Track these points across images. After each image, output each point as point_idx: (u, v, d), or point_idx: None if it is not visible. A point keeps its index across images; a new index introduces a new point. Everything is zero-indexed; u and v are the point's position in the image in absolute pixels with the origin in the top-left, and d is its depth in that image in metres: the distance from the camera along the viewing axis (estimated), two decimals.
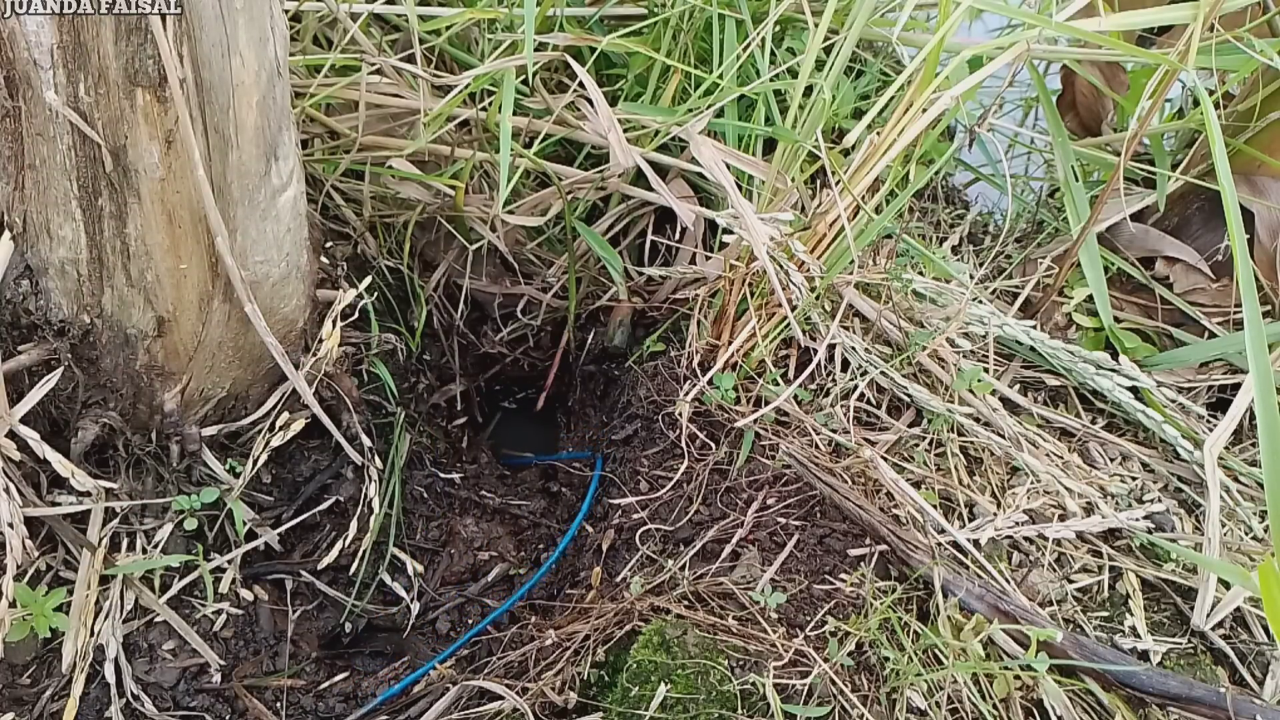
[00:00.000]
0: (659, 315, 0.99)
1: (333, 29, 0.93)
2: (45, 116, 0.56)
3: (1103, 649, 0.66)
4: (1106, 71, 1.05)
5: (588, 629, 0.69)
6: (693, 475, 0.79)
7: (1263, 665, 0.73)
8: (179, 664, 0.75)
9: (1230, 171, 0.68)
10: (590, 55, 0.94)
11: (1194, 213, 1.02)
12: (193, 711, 0.74)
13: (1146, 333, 0.99)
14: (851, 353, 0.85)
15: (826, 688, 0.62)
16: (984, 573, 0.73)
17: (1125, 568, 0.77)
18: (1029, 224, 1.14)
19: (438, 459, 1.00)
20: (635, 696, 0.62)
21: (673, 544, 0.76)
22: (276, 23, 0.59)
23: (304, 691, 0.78)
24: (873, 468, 0.78)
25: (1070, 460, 0.84)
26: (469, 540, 0.93)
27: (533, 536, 0.96)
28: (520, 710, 0.65)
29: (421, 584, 0.89)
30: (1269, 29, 0.91)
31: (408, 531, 0.92)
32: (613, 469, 0.87)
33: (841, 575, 0.71)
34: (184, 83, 0.55)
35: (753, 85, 0.87)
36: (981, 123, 0.79)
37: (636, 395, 0.88)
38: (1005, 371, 0.92)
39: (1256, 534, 0.81)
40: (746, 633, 0.65)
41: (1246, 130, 0.95)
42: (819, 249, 0.81)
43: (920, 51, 0.76)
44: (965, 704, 0.64)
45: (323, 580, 0.85)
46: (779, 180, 0.83)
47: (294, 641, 0.81)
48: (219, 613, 0.79)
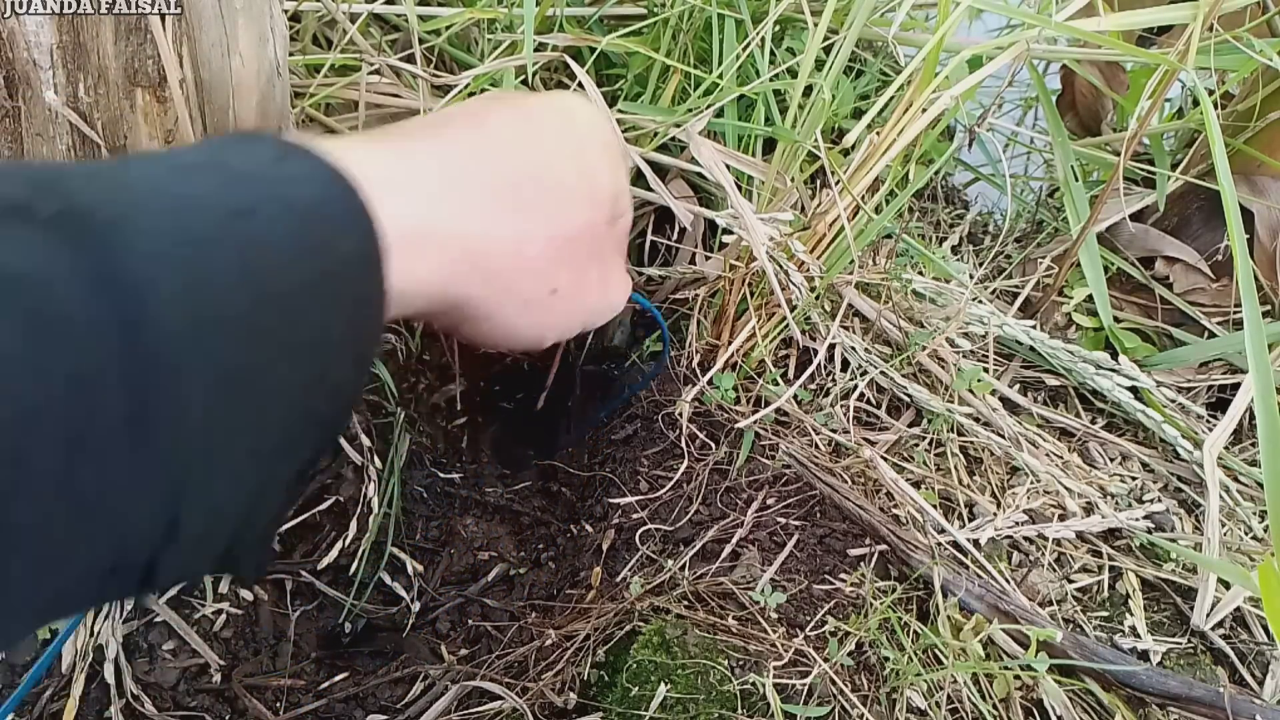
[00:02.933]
0: None
1: (332, 29, 0.93)
2: (45, 116, 0.56)
3: (1103, 649, 0.66)
4: (1106, 71, 1.05)
5: (587, 629, 0.69)
6: (693, 475, 0.79)
7: (1263, 665, 0.73)
8: (179, 664, 0.75)
9: (1230, 171, 0.68)
10: (590, 55, 0.94)
11: (1194, 213, 1.02)
12: (193, 711, 0.74)
13: (1146, 333, 0.99)
14: (851, 353, 0.85)
15: (826, 687, 0.62)
16: (984, 573, 0.73)
17: (1125, 568, 0.77)
18: (1029, 224, 1.14)
19: (438, 459, 1.00)
20: (635, 696, 0.62)
21: (673, 544, 0.76)
22: (276, 23, 0.59)
23: (304, 691, 0.78)
24: (873, 468, 0.78)
25: (1070, 460, 0.84)
26: (469, 540, 0.93)
27: (533, 536, 0.96)
28: (520, 710, 0.65)
29: (421, 584, 0.89)
30: (1269, 29, 0.91)
31: (407, 531, 0.92)
32: (612, 469, 0.87)
33: (841, 575, 0.71)
34: (183, 82, 0.55)
35: (752, 85, 0.87)
36: (981, 122, 0.79)
37: (636, 395, 0.88)
38: (1005, 371, 0.92)
39: (1256, 534, 0.81)
40: (746, 633, 0.65)
41: (1246, 130, 0.95)
42: (819, 249, 0.81)
43: (920, 51, 0.76)
44: (965, 704, 0.64)
45: (323, 580, 0.84)
46: (778, 180, 0.83)
47: (294, 641, 0.81)
48: (219, 613, 0.79)
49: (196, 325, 0.28)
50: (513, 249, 0.39)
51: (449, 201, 0.37)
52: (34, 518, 0.26)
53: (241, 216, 0.30)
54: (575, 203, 0.42)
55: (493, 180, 0.39)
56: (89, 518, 0.27)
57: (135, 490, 0.28)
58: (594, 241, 0.44)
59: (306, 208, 0.31)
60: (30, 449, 0.25)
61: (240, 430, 0.30)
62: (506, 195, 0.39)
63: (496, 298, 0.39)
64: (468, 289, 0.38)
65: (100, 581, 0.30)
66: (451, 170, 0.37)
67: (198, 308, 0.28)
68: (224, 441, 0.30)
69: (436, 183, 0.36)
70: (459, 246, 0.37)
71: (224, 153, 0.32)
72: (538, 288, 0.41)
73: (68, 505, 0.26)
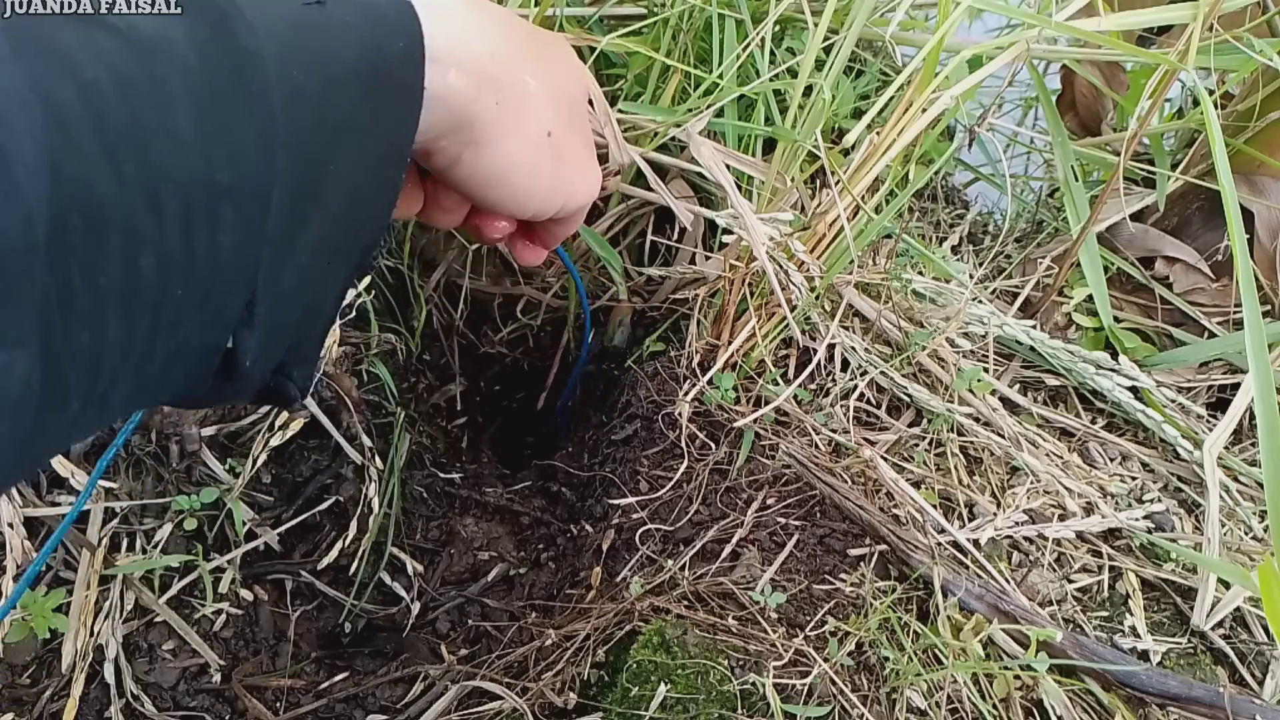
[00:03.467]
0: (659, 315, 0.99)
1: None
2: None
3: (1103, 649, 0.66)
4: (1106, 71, 1.05)
5: (587, 629, 0.69)
6: (693, 475, 0.79)
7: (1262, 665, 0.73)
8: (179, 664, 0.75)
9: (1230, 171, 0.68)
10: (590, 55, 0.94)
11: (1194, 213, 1.02)
12: (193, 711, 0.74)
13: (1146, 333, 0.99)
14: (851, 353, 0.85)
15: (826, 688, 0.62)
16: (984, 573, 0.73)
17: (1125, 568, 0.77)
18: (1029, 224, 1.14)
19: (438, 459, 1.00)
20: (635, 696, 0.62)
21: (673, 544, 0.76)
22: None
23: (304, 691, 0.78)
24: (873, 468, 0.78)
25: (1070, 460, 0.84)
26: (469, 540, 0.93)
27: (533, 536, 0.96)
28: (520, 710, 0.65)
29: (421, 584, 0.89)
30: (1269, 29, 0.91)
31: (408, 531, 0.92)
32: (612, 469, 0.87)
33: (841, 575, 0.71)
34: None
35: (752, 85, 0.87)
36: (981, 122, 0.79)
37: (636, 395, 0.88)
38: (1005, 371, 0.92)
39: (1256, 534, 0.81)
40: (746, 633, 0.65)
41: (1246, 130, 0.95)
42: (819, 249, 0.81)
43: (920, 51, 0.76)
44: (965, 704, 0.64)
45: (323, 580, 0.85)
46: (778, 180, 0.83)
47: (294, 641, 0.81)
48: (219, 613, 0.79)
49: (290, 100, 0.31)
50: (521, 82, 0.47)
51: (478, 35, 0.44)
52: (156, 271, 0.29)
53: (313, 7, 0.34)
54: (568, 76, 0.53)
55: (510, 34, 0.47)
56: (196, 279, 0.30)
57: (233, 261, 0.31)
58: (578, 114, 0.53)
59: (369, 8, 0.37)
60: (164, 202, 0.28)
61: (305, 219, 0.34)
62: (520, 46, 0.48)
63: (503, 123, 0.46)
64: (482, 106, 0.44)
65: (197, 358, 0.33)
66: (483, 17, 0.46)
67: (292, 82, 0.32)
68: (294, 227, 0.34)
69: (471, 19, 0.45)
70: (481, 68, 0.44)
71: None
72: (538, 125, 0.49)
73: (183, 262, 0.29)
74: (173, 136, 0.28)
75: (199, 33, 0.29)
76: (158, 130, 0.27)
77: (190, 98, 0.28)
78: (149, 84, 0.28)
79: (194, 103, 0.29)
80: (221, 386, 0.36)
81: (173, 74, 0.28)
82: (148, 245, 0.28)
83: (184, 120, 0.28)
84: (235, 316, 0.33)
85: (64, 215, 0.25)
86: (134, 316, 0.28)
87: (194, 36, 0.29)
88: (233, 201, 0.30)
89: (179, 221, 0.28)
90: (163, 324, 0.30)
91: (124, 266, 0.27)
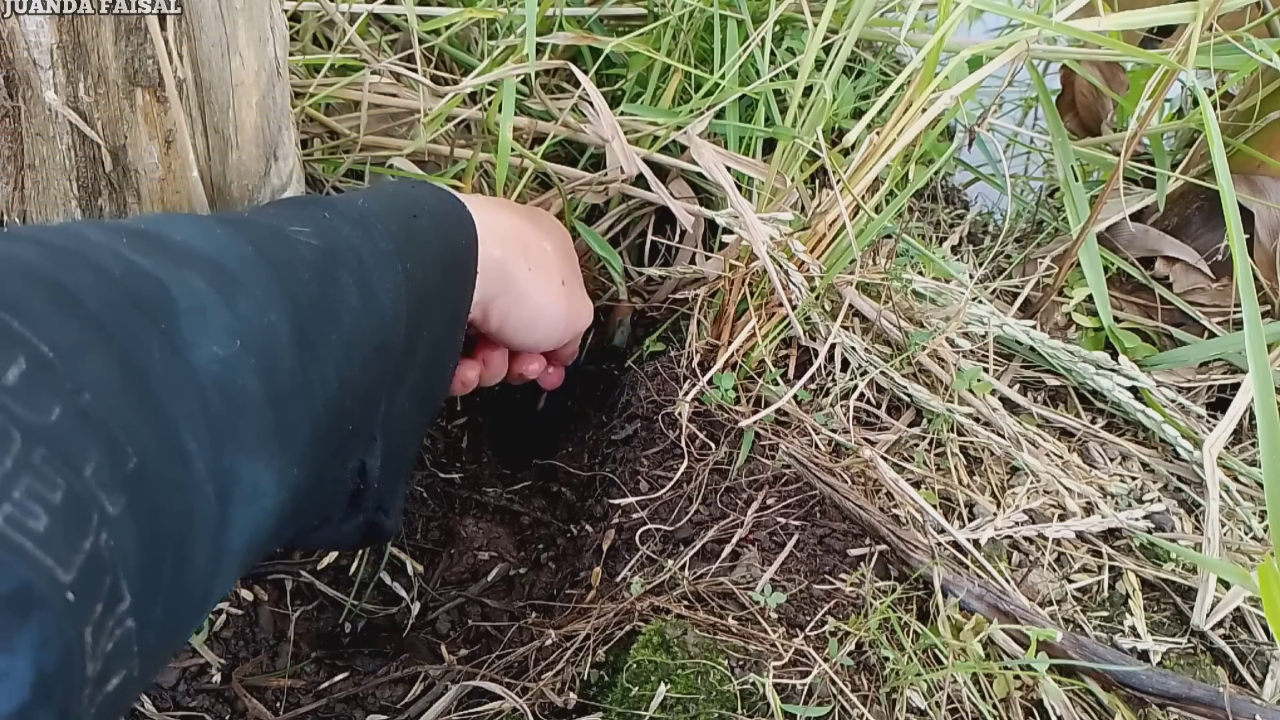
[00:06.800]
0: (659, 315, 0.99)
1: (332, 29, 0.93)
2: (45, 116, 0.56)
3: (1103, 649, 0.66)
4: (1106, 71, 1.05)
5: (588, 629, 0.69)
6: (693, 475, 0.79)
7: (1262, 665, 0.73)
8: (179, 664, 0.75)
9: (1230, 171, 0.68)
10: (590, 55, 0.94)
11: (1194, 213, 1.02)
12: (192, 711, 0.74)
13: (1146, 333, 0.99)
14: (851, 353, 0.85)
15: (826, 688, 0.62)
16: (984, 573, 0.73)
17: (1125, 568, 0.77)
18: (1029, 224, 1.14)
19: (438, 459, 1.00)
20: (635, 697, 0.62)
21: (673, 544, 0.76)
22: (276, 23, 0.59)
23: (304, 691, 0.78)
24: (873, 468, 0.78)
25: (1070, 460, 0.84)
26: (469, 540, 0.93)
27: (533, 536, 0.96)
28: (520, 710, 0.65)
29: (421, 584, 0.89)
30: (1269, 29, 0.91)
31: (408, 531, 0.92)
32: (613, 469, 0.87)
33: (841, 575, 0.71)
34: (184, 83, 0.55)
35: (753, 85, 0.87)
36: (981, 122, 0.79)
37: (636, 395, 0.88)
38: (1005, 371, 0.92)
39: (1256, 534, 0.81)
40: (746, 633, 0.65)
41: (1246, 130, 0.95)
42: (819, 249, 0.81)
43: (920, 51, 0.77)
44: (965, 704, 0.64)
45: (323, 580, 0.85)
46: (778, 180, 0.83)
47: (294, 641, 0.81)
48: (219, 613, 0.79)
49: (406, 282, 0.47)
50: (540, 248, 0.67)
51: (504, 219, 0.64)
52: (350, 403, 0.41)
53: (415, 217, 0.52)
54: (562, 235, 0.76)
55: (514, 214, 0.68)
56: (359, 409, 0.43)
57: (373, 397, 0.45)
58: (573, 265, 0.75)
59: (444, 214, 0.56)
60: (357, 359, 0.42)
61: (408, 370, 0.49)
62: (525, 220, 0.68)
63: (537, 281, 0.65)
64: (517, 269, 0.63)
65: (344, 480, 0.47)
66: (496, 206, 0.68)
67: (407, 271, 0.48)
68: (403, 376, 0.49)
69: (491, 209, 0.64)
70: (512, 239, 0.63)
71: (399, 185, 0.60)
72: (555, 275, 0.67)
73: (355, 396, 0.42)
74: (349, 308, 0.42)
75: (355, 238, 0.45)
76: (340, 304, 0.41)
77: (354, 283, 0.43)
78: (332, 276, 0.42)
79: (356, 285, 0.43)
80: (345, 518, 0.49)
81: (345, 268, 0.43)
82: (346, 383, 0.41)
83: (353, 299, 0.42)
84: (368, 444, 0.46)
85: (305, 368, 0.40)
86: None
87: (351, 242, 0.45)
88: (380, 354, 0.43)
89: (361, 366, 0.42)
90: (329, 455, 0.43)
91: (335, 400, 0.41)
